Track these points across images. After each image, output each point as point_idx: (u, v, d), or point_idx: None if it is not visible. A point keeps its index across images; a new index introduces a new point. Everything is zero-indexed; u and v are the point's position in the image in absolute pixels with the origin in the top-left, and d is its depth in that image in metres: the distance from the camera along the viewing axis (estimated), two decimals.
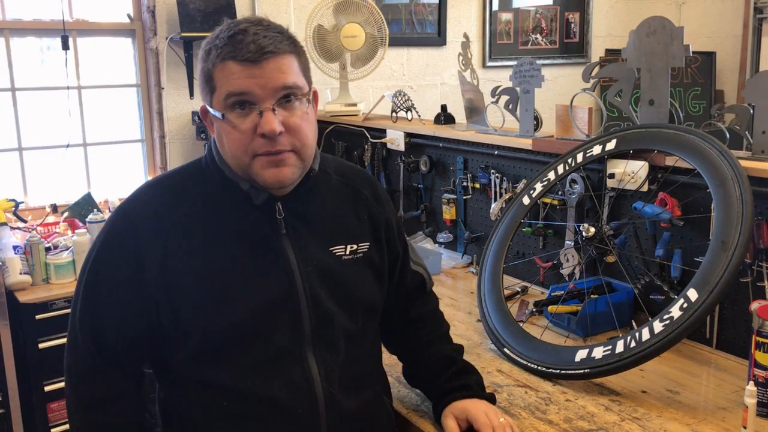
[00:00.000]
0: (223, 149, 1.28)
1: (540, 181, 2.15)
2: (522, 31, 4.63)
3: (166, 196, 1.32)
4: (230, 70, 1.20)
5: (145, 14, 3.51)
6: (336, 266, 1.35)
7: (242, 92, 1.20)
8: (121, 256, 1.27)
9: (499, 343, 1.89)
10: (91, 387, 1.31)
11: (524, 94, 2.44)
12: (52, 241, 2.91)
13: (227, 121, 1.23)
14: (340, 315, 1.35)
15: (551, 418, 1.54)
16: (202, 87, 1.28)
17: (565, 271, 2.23)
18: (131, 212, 1.30)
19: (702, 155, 1.76)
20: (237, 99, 1.21)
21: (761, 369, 1.50)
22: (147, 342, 1.30)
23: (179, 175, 1.38)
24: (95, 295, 1.29)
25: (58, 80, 3.36)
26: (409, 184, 3.03)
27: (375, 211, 1.45)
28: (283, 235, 1.30)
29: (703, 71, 4.85)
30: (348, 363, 1.36)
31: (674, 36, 1.93)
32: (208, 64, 1.24)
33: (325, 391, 1.31)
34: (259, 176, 1.25)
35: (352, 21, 3.37)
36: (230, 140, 1.24)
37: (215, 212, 1.29)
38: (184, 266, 1.25)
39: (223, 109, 1.23)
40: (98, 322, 1.29)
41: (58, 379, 2.71)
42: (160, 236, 1.25)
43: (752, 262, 1.74)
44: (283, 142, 1.23)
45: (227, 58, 1.20)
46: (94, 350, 1.29)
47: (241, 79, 1.20)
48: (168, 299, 1.25)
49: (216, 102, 1.24)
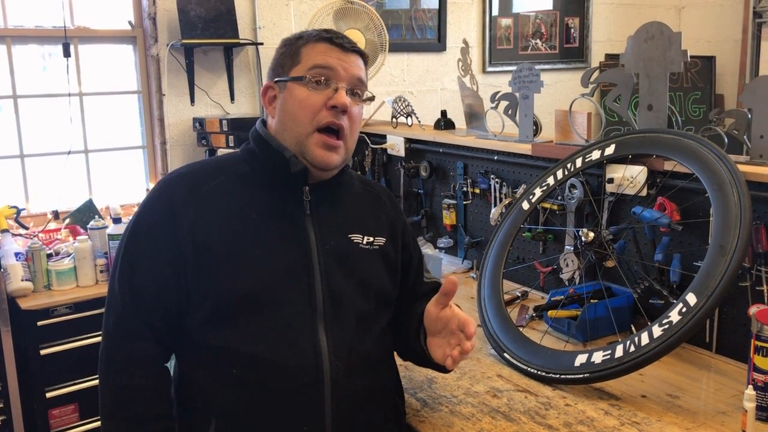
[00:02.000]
0: (285, 116, 1.40)
1: (539, 186, 2.15)
2: (522, 36, 4.64)
3: (202, 170, 1.44)
4: (322, 48, 1.39)
5: (146, 21, 3.52)
6: (352, 251, 1.44)
7: (328, 66, 1.38)
8: (159, 214, 1.37)
9: (499, 347, 1.89)
10: (124, 347, 1.36)
11: (523, 99, 2.45)
12: (54, 247, 2.92)
13: (306, 85, 1.37)
14: (352, 294, 1.41)
15: (551, 423, 1.54)
16: (278, 65, 1.43)
17: (565, 276, 2.24)
18: (169, 181, 1.43)
19: (700, 160, 1.76)
20: (321, 71, 1.38)
21: (760, 373, 1.50)
22: (175, 301, 1.36)
23: (216, 158, 1.56)
24: (134, 255, 1.38)
25: (59, 87, 3.37)
26: (409, 189, 3.04)
27: (392, 215, 1.57)
28: (307, 216, 1.40)
29: (703, 75, 4.86)
30: (357, 343, 1.40)
31: (672, 41, 1.94)
32: (296, 45, 1.42)
33: (332, 364, 1.34)
34: (311, 152, 1.38)
35: (352, 27, 3.38)
36: (302, 105, 1.38)
37: (247, 186, 1.41)
38: (212, 230, 1.35)
39: (305, 75, 1.38)
40: (135, 281, 1.36)
41: (60, 385, 2.72)
42: (193, 202, 1.36)
43: (751, 266, 1.74)
44: (344, 120, 1.39)
45: (322, 40, 1.40)
46: (130, 307, 1.35)
47: (330, 57, 1.38)
48: (194, 260, 1.34)
49: (297, 71, 1.39)
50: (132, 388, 1.35)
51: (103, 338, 1.39)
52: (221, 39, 3.49)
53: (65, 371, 2.72)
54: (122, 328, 1.37)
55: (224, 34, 3.50)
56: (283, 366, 1.32)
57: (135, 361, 1.35)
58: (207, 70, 3.62)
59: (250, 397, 1.33)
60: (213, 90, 3.66)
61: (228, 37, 3.51)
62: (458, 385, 1.75)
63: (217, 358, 1.34)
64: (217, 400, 1.35)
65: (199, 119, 3.47)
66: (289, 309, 1.35)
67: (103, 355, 1.38)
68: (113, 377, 1.36)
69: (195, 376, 1.39)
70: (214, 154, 3.37)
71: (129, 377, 1.35)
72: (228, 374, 1.33)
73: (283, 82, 1.41)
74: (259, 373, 1.32)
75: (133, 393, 1.35)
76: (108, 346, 1.38)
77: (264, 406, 1.33)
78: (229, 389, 1.33)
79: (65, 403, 2.74)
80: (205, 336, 1.35)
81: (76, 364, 2.72)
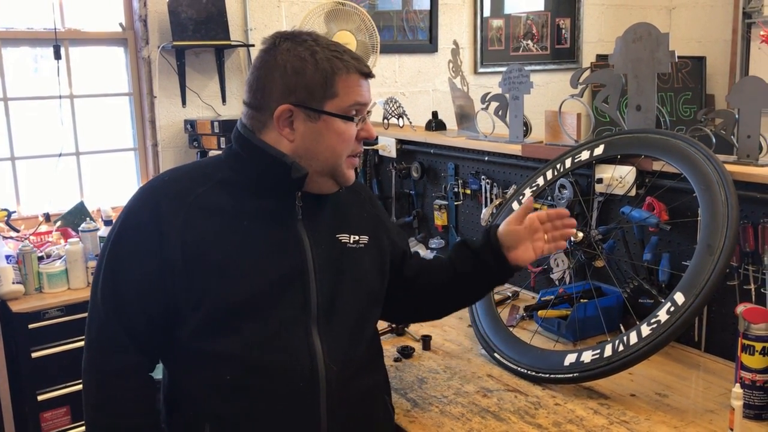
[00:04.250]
0: (320, 146, 1.38)
1: (529, 187, 2.16)
2: (513, 37, 4.65)
3: (187, 176, 1.41)
4: (357, 81, 1.38)
5: (137, 23, 3.52)
6: (342, 251, 1.44)
7: (366, 103, 1.41)
8: (143, 226, 1.34)
9: (489, 348, 1.90)
10: (107, 358, 1.34)
11: (513, 100, 2.46)
12: (45, 250, 2.91)
13: (349, 124, 1.38)
14: (344, 296, 1.41)
15: (540, 422, 1.55)
16: (308, 89, 1.35)
17: (555, 276, 2.25)
18: (153, 188, 1.40)
19: (688, 160, 1.77)
20: (360, 108, 1.40)
21: (748, 371, 1.51)
22: (162, 311, 1.34)
23: (199, 163, 1.54)
24: (117, 261, 1.35)
25: (50, 89, 3.37)
26: (400, 190, 3.05)
27: (371, 210, 1.58)
28: (299, 221, 1.40)
29: (694, 76, 4.88)
30: (351, 345, 1.40)
31: (660, 42, 1.95)
32: (328, 72, 1.35)
33: (327, 368, 1.34)
34: (344, 175, 1.42)
35: (343, 29, 3.39)
36: (342, 140, 1.39)
37: (236, 193, 1.38)
38: (202, 239, 1.32)
39: (348, 114, 1.38)
40: (118, 287, 1.34)
41: (51, 388, 2.71)
42: (181, 210, 1.33)
43: (738, 265, 1.76)
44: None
45: (354, 71, 1.37)
46: (113, 317, 1.33)
47: (365, 91, 1.40)
48: (184, 269, 1.31)
49: (335, 106, 1.37)
50: (116, 399, 1.33)
51: (86, 349, 1.37)
52: (212, 41, 3.49)
53: (57, 374, 2.71)
54: (104, 338, 1.35)
55: (215, 36, 3.50)
56: (277, 371, 1.32)
57: (118, 372, 1.34)
58: (198, 72, 3.62)
59: (245, 403, 1.32)
60: (204, 92, 3.65)
61: (219, 38, 3.51)
62: (448, 385, 1.75)
63: (211, 365, 1.33)
64: (210, 407, 1.34)
65: (190, 121, 3.46)
66: (284, 314, 1.34)
67: (86, 366, 1.36)
68: (97, 389, 1.35)
69: (186, 383, 1.38)
70: (206, 155, 3.37)
71: (113, 388, 1.33)
72: (222, 380, 1.32)
73: (315, 113, 1.36)
74: (254, 378, 1.32)
75: (118, 404, 1.33)
76: (90, 357, 1.36)
77: (259, 411, 1.33)
78: (223, 395, 1.32)
79: (57, 405, 2.73)
80: (198, 343, 1.33)
81: (67, 366, 2.71)
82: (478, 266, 1.57)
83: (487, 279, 1.61)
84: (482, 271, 1.58)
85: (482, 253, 1.57)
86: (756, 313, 1.51)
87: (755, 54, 4.62)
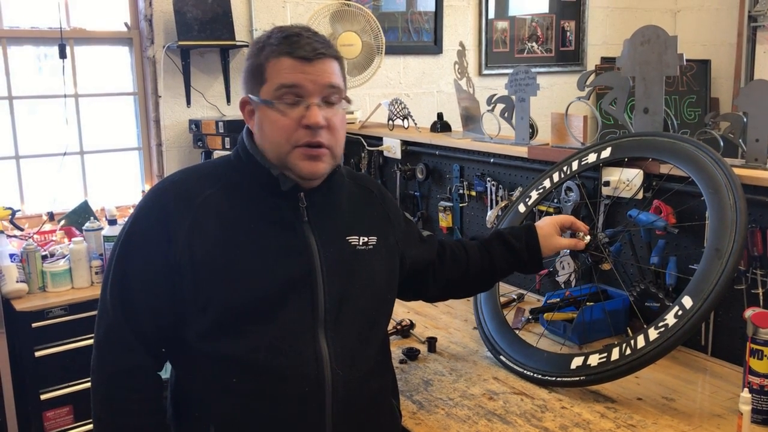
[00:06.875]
0: (264, 136, 1.37)
1: (536, 189, 2.16)
2: (518, 39, 4.65)
3: (196, 177, 1.40)
4: (284, 64, 1.33)
5: (143, 23, 3.52)
6: (352, 254, 1.43)
7: (294, 85, 1.32)
8: (152, 228, 1.34)
9: (495, 350, 1.90)
10: (115, 358, 1.34)
11: (520, 102, 2.45)
12: (49, 249, 2.91)
13: (276, 109, 1.33)
14: (353, 299, 1.40)
15: (547, 426, 1.54)
16: (249, 79, 1.39)
17: (561, 279, 2.24)
18: (163, 188, 1.39)
19: (696, 163, 1.77)
20: (288, 91, 1.32)
21: (756, 376, 1.51)
22: (169, 313, 1.34)
23: (209, 163, 1.52)
24: (126, 262, 1.35)
25: (55, 88, 3.37)
26: (405, 191, 3.04)
27: (384, 209, 1.56)
28: (305, 222, 1.38)
29: (699, 79, 4.88)
30: (359, 349, 1.39)
31: (668, 45, 1.95)
32: (259, 58, 1.36)
33: (334, 372, 1.34)
34: (296, 167, 1.34)
35: (348, 30, 3.38)
36: (275, 128, 1.34)
37: (242, 196, 1.37)
38: (209, 242, 1.32)
39: (273, 99, 1.33)
40: (127, 287, 1.34)
41: (54, 387, 2.71)
42: (189, 212, 1.33)
43: (746, 269, 1.75)
44: (322, 135, 1.34)
45: (282, 54, 1.33)
46: (121, 317, 1.34)
47: (294, 73, 1.32)
48: (192, 271, 1.31)
49: (265, 92, 1.35)
50: (123, 399, 1.34)
51: (95, 348, 1.37)
52: (217, 41, 3.49)
53: (60, 373, 2.71)
54: (113, 338, 1.35)
55: (220, 36, 3.50)
56: (283, 374, 1.31)
57: (126, 372, 1.34)
58: (203, 72, 3.62)
59: (250, 406, 1.32)
60: (209, 92, 3.65)
61: (224, 38, 3.51)
62: (454, 387, 1.75)
63: (217, 367, 1.33)
64: (215, 409, 1.33)
65: (195, 121, 3.46)
66: (291, 317, 1.33)
67: (95, 365, 1.36)
68: (104, 388, 1.35)
69: (193, 385, 1.37)
70: (210, 156, 3.37)
71: (120, 388, 1.34)
72: (228, 383, 1.32)
73: (255, 102, 1.37)
74: (260, 381, 1.31)
75: (125, 404, 1.33)
76: (99, 356, 1.36)
77: (264, 415, 1.32)
78: (229, 398, 1.32)
79: (60, 405, 2.73)
80: (205, 345, 1.33)
81: (70, 365, 2.71)
82: (514, 265, 1.75)
83: (519, 270, 1.80)
84: (517, 266, 1.77)
85: (520, 251, 1.73)
86: (764, 317, 1.50)
87: (760, 57, 4.61)
